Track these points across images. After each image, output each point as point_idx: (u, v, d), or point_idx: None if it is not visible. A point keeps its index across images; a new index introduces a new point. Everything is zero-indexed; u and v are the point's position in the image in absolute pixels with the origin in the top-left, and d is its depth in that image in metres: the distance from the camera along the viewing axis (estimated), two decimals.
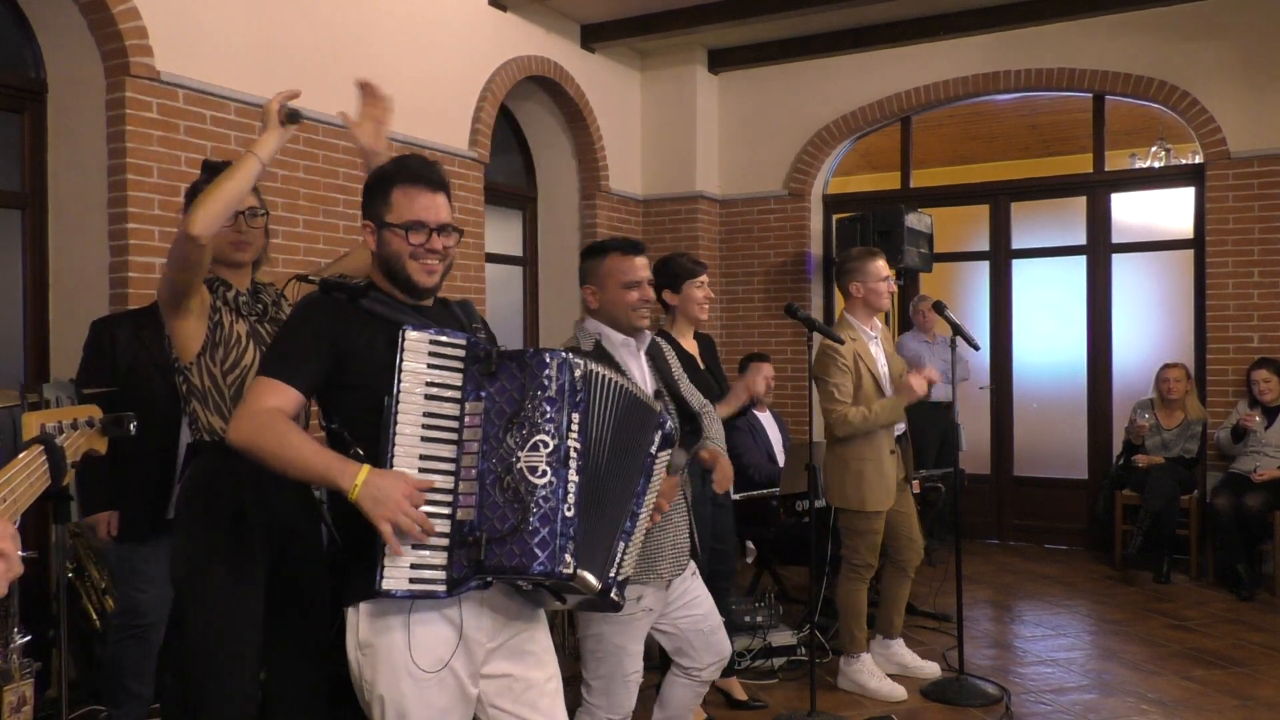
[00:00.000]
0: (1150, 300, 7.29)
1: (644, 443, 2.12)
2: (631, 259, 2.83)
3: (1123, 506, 6.49)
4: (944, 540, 6.56)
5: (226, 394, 2.56)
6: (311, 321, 2.03)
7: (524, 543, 1.84)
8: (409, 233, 2.06)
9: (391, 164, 2.17)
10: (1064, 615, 5.55)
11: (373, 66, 5.49)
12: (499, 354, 1.93)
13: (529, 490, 1.85)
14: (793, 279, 7.77)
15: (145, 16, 4.34)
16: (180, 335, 2.56)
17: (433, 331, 1.93)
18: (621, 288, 2.81)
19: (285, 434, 1.91)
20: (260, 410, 1.94)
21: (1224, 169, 6.51)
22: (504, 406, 1.90)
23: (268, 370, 2.00)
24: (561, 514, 1.86)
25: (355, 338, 2.00)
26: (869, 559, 4.29)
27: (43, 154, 4.47)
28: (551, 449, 1.88)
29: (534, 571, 1.84)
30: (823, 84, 7.64)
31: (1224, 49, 6.51)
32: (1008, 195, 7.58)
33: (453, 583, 1.87)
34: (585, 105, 7.25)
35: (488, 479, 1.88)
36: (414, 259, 2.07)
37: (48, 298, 4.47)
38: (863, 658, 4.34)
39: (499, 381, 1.91)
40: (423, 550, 1.86)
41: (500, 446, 1.88)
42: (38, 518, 4.17)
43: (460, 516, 1.88)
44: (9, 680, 3.06)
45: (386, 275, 2.10)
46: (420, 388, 1.90)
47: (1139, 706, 4.13)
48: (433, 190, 2.12)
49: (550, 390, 1.90)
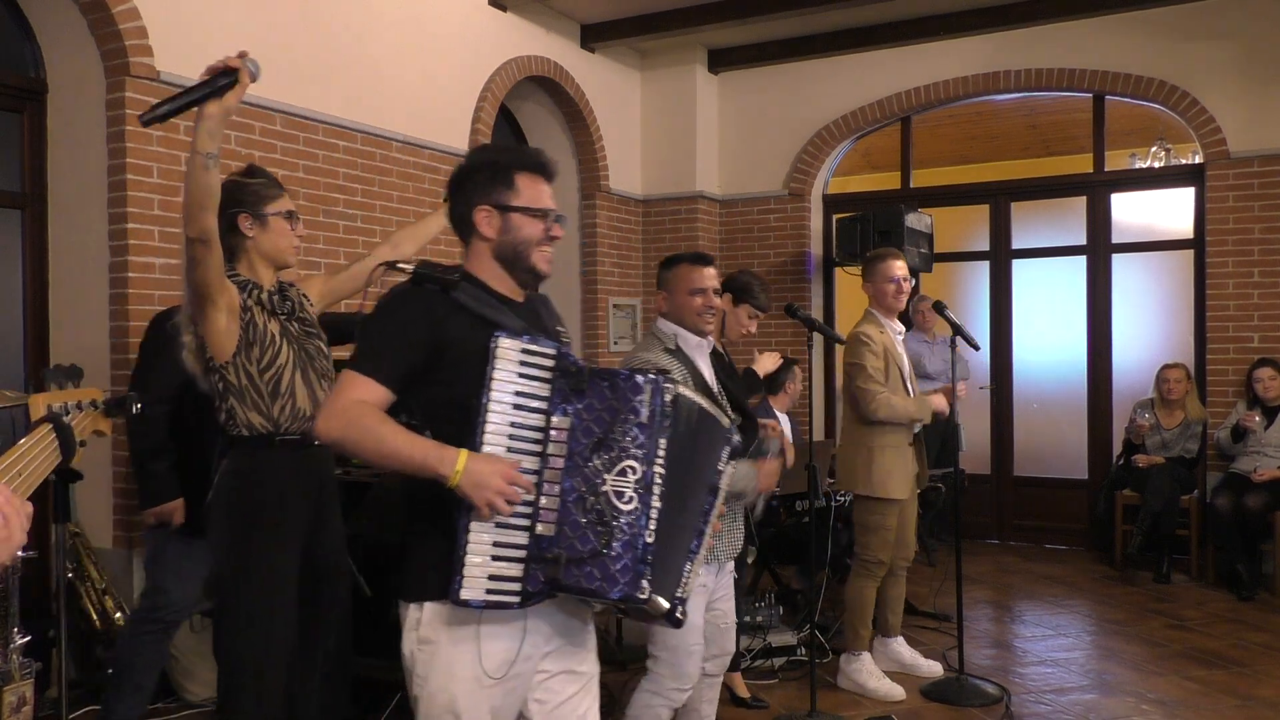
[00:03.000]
0: (1150, 300, 7.29)
1: (714, 460, 2.09)
2: (699, 268, 3.13)
3: (1123, 506, 6.49)
4: (944, 540, 6.56)
5: (264, 391, 2.68)
6: (404, 315, 1.97)
7: (605, 567, 1.83)
8: (543, 219, 2.05)
9: (503, 150, 2.14)
10: (1064, 615, 5.55)
11: (373, 66, 5.50)
12: (590, 372, 1.90)
13: (614, 514, 1.84)
14: (793, 279, 7.76)
15: (145, 16, 4.34)
16: (214, 335, 2.65)
17: (525, 340, 1.90)
18: (687, 294, 3.10)
19: (375, 426, 1.88)
20: (349, 404, 1.90)
21: (1224, 169, 6.51)
22: (592, 426, 1.87)
23: (357, 366, 1.95)
24: (643, 540, 1.85)
25: (448, 334, 1.94)
26: (881, 555, 4.30)
27: (43, 154, 4.47)
28: (640, 475, 1.86)
29: (612, 596, 1.84)
30: (823, 84, 7.64)
31: (1224, 49, 6.51)
32: (1008, 195, 7.58)
33: (526, 596, 1.86)
34: (585, 105, 7.25)
35: (570, 497, 1.86)
36: (540, 247, 2.05)
37: (48, 298, 4.47)
38: (864, 656, 4.34)
39: (588, 399, 1.88)
40: (501, 562, 1.85)
41: (586, 466, 1.86)
42: (38, 517, 4.17)
43: (540, 531, 1.86)
44: (9, 680, 3.07)
45: (504, 262, 2.05)
46: (509, 396, 1.87)
47: (1139, 706, 4.13)
48: (550, 182, 2.10)
49: (642, 416, 1.87)
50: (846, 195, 8.20)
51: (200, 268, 2.53)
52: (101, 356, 4.33)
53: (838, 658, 4.48)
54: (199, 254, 2.51)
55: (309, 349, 2.81)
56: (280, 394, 2.70)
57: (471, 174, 2.06)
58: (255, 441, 2.69)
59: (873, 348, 4.21)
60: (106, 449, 4.31)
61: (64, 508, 2.84)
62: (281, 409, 2.70)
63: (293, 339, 2.76)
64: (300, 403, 2.73)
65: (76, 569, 4.14)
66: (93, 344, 4.35)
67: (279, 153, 4.89)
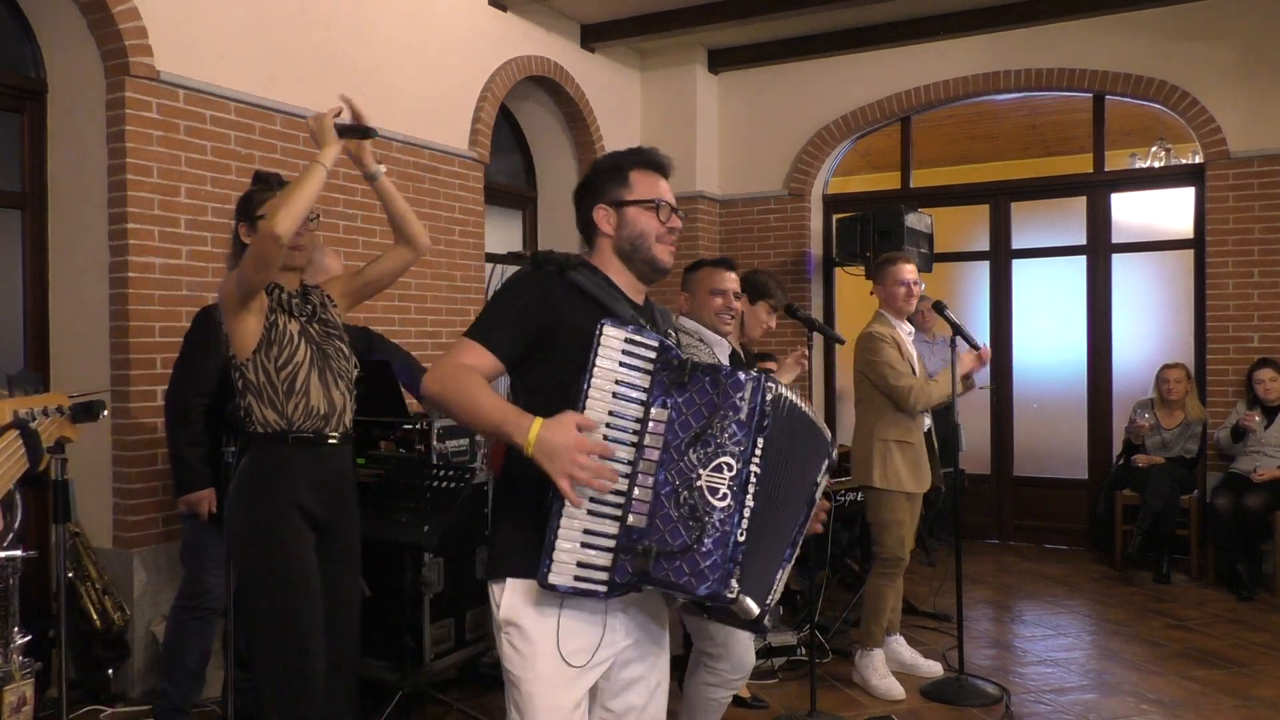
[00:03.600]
0: (1150, 300, 7.29)
1: (812, 471, 2.07)
2: (721, 271, 3.38)
3: (1123, 506, 6.49)
4: (944, 540, 6.56)
5: (280, 389, 2.76)
6: (520, 293, 2.02)
7: (695, 562, 1.82)
8: (659, 210, 2.10)
9: (619, 153, 2.18)
10: (1064, 615, 5.55)
11: (373, 66, 5.50)
12: (692, 365, 1.89)
13: (707, 510, 1.83)
14: (793, 279, 7.76)
15: (145, 16, 4.34)
16: (239, 333, 2.74)
17: (630, 329, 1.90)
18: (708, 294, 3.34)
19: (470, 386, 1.91)
20: (453, 364, 1.95)
21: (1224, 169, 6.51)
22: (690, 420, 1.86)
23: (471, 334, 2.00)
24: (734, 539, 1.83)
25: (561, 314, 1.99)
26: (898, 552, 4.32)
27: (43, 154, 4.47)
28: (735, 472, 1.85)
29: (699, 593, 1.82)
30: (823, 84, 7.64)
31: (1224, 49, 6.51)
32: (1008, 195, 7.58)
33: (614, 586, 1.85)
34: (585, 105, 7.25)
35: (664, 489, 1.85)
36: (659, 240, 2.10)
37: (48, 298, 4.47)
38: (875, 653, 4.37)
39: (688, 393, 1.87)
40: (590, 550, 1.84)
41: (681, 460, 1.85)
42: (38, 517, 4.18)
43: (631, 521, 1.84)
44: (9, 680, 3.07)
45: (624, 256, 2.11)
46: (610, 385, 1.87)
47: (1139, 706, 4.13)
48: (666, 177, 2.16)
49: (742, 413, 1.86)
50: (846, 195, 8.20)
51: (268, 269, 2.65)
52: (101, 356, 4.33)
53: (838, 658, 4.49)
54: (274, 256, 2.61)
55: (327, 350, 2.87)
56: (295, 392, 2.76)
57: (592, 178, 2.16)
58: (271, 439, 2.76)
59: (888, 341, 4.26)
60: (106, 450, 4.32)
61: (64, 508, 2.84)
62: (295, 407, 2.76)
63: (311, 340, 2.83)
64: (314, 401, 2.79)
65: (76, 569, 4.14)
66: (93, 344, 4.36)
67: (279, 153, 4.89)
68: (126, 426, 4.29)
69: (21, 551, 3.09)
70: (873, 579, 4.42)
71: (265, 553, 2.72)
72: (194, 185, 4.52)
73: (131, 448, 4.30)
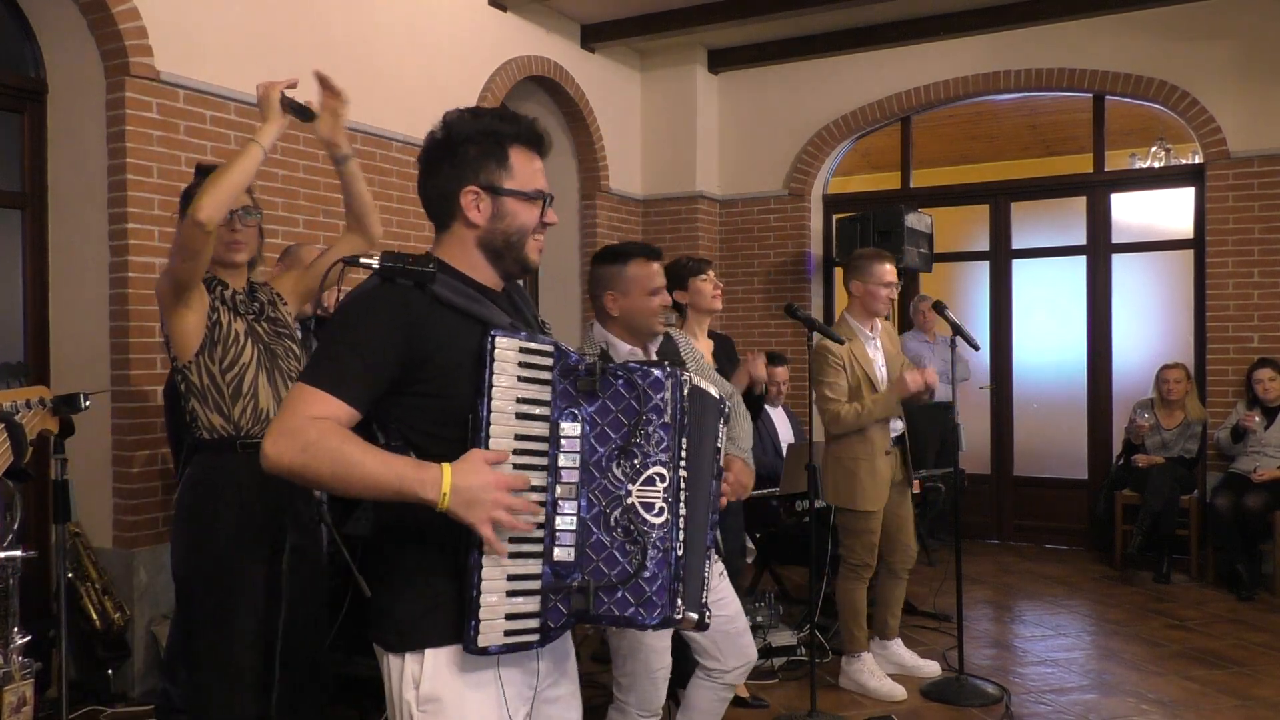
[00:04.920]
0: (1150, 300, 7.29)
1: (714, 439, 1.86)
2: (652, 264, 2.88)
3: (1123, 506, 6.49)
4: (944, 540, 6.56)
5: (225, 391, 2.60)
6: (373, 320, 1.65)
7: (639, 590, 1.63)
8: (538, 203, 1.78)
9: (495, 117, 1.78)
10: (1064, 615, 5.55)
11: (373, 66, 5.50)
12: (602, 368, 1.66)
13: (645, 531, 1.64)
14: (793, 279, 7.76)
15: (145, 16, 4.34)
16: (179, 333, 2.58)
17: (522, 336, 1.66)
18: (648, 294, 2.86)
19: (340, 446, 1.57)
20: (303, 422, 1.57)
21: (1224, 169, 6.51)
22: (607, 431, 1.65)
23: (312, 378, 1.62)
24: (675, 554, 1.66)
25: (430, 337, 1.65)
26: (866, 558, 4.31)
27: (43, 154, 4.47)
28: (668, 483, 1.66)
29: (649, 623, 1.64)
30: (823, 84, 7.64)
31: (1224, 49, 6.51)
32: (1008, 195, 7.58)
33: (547, 632, 1.64)
34: (585, 105, 7.25)
35: (589, 514, 1.64)
36: (534, 235, 1.79)
37: (48, 298, 4.47)
38: (863, 657, 4.34)
39: (600, 400, 1.66)
40: (518, 597, 1.62)
41: (605, 477, 1.65)
42: (38, 518, 4.17)
43: (558, 557, 1.63)
44: (9, 680, 3.06)
45: (490, 252, 1.77)
46: (511, 405, 1.62)
47: (1139, 706, 4.13)
48: (544, 157, 1.83)
49: (665, 416, 1.66)
50: (846, 195, 8.20)
51: (197, 260, 2.48)
52: (102, 356, 4.33)
53: (838, 658, 4.48)
54: (200, 245, 2.45)
55: (276, 349, 2.72)
56: (242, 395, 2.62)
57: (459, 146, 1.75)
58: (217, 445, 2.61)
59: (831, 361, 4.18)
60: (106, 449, 4.32)
61: (64, 508, 2.83)
62: (243, 411, 2.62)
63: (259, 339, 2.69)
64: (263, 404, 2.64)
65: (76, 569, 4.14)
66: (93, 344, 4.36)
67: (279, 153, 4.89)
68: (126, 427, 4.29)
69: (21, 551, 3.08)
70: (841, 582, 4.37)
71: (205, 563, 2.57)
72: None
73: (131, 448, 4.30)
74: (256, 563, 2.59)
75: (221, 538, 2.57)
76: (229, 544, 2.56)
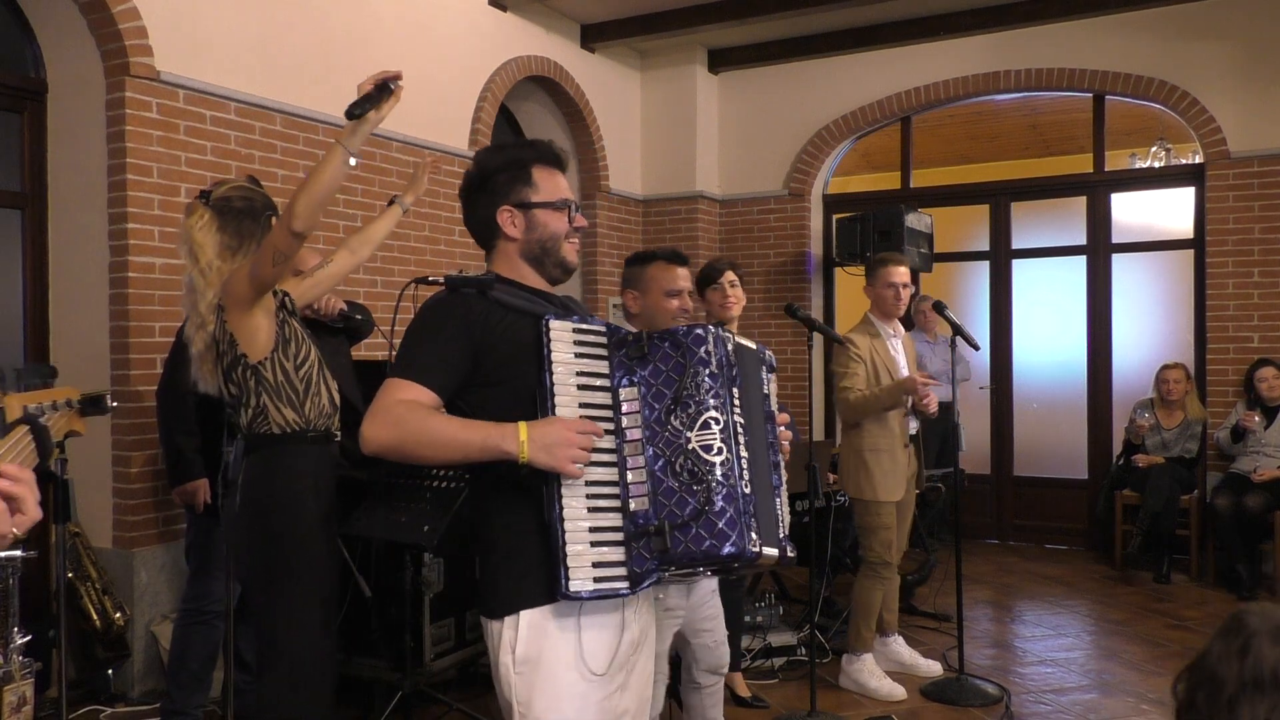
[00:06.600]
0: (1150, 300, 7.29)
1: (759, 384, 2.06)
2: (675, 269, 3.03)
3: (1123, 506, 6.49)
4: (944, 540, 6.56)
5: (299, 387, 2.76)
6: (444, 320, 1.90)
7: (711, 524, 1.76)
8: (565, 210, 2.03)
9: (516, 146, 2.06)
10: (1064, 615, 5.55)
11: (373, 67, 5.48)
12: (649, 335, 1.85)
13: (707, 470, 1.78)
14: (793, 279, 7.77)
15: (145, 16, 4.34)
16: (249, 332, 2.69)
17: (575, 319, 1.87)
18: (664, 295, 3.00)
19: (425, 420, 1.81)
20: (393, 404, 1.83)
21: (1224, 169, 6.51)
22: (662, 389, 1.83)
23: (397, 371, 1.88)
24: (741, 490, 1.80)
25: (492, 332, 1.89)
26: (884, 555, 4.33)
27: (43, 154, 4.47)
28: (722, 425, 1.81)
29: (724, 554, 1.76)
30: (823, 84, 7.64)
31: (1224, 49, 6.51)
32: (1008, 195, 7.58)
33: (635, 578, 1.78)
34: (585, 105, 7.25)
35: (656, 465, 1.80)
36: (568, 239, 2.04)
37: (48, 298, 4.47)
38: (865, 657, 4.35)
39: (651, 364, 1.84)
40: (602, 547, 1.79)
41: (665, 429, 1.81)
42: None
43: (634, 508, 1.79)
44: (9, 680, 3.06)
45: (532, 260, 2.02)
46: (572, 378, 1.83)
47: (1139, 706, 4.13)
48: (564, 171, 2.09)
49: (711, 364, 1.82)
50: (846, 195, 8.20)
51: (286, 265, 2.59)
52: (101, 356, 4.33)
53: (838, 658, 4.48)
54: (292, 250, 2.55)
55: (323, 348, 2.92)
56: (312, 390, 2.79)
57: (490, 177, 2.02)
58: (287, 439, 2.74)
59: (851, 352, 4.27)
60: (106, 449, 4.32)
61: (64, 508, 2.84)
62: (312, 405, 2.79)
63: (311, 338, 2.87)
64: (324, 399, 2.83)
65: (76, 569, 4.14)
66: (93, 344, 4.36)
67: (279, 153, 4.89)
68: (126, 427, 4.29)
69: (21, 551, 3.08)
70: (860, 581, 4.41)
71: (286, 555, 2.70)
72: (194, 185, 4.51)
73: (131, 448, 4.30)
74: (332, 549, 2.80)
75: (305, 524, 2.71)
76: (311, 533, 2.72)
